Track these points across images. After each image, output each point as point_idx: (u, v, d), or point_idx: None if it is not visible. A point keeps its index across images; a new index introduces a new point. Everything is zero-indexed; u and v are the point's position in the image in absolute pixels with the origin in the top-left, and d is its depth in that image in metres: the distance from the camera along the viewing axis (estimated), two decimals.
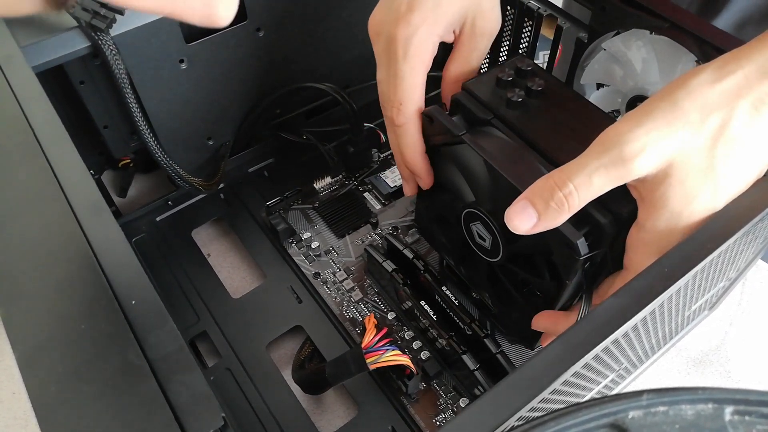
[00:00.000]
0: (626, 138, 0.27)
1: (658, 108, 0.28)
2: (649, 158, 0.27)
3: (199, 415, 0.23)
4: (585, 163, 0.28)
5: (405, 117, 0.37)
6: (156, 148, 0.47)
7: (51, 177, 0.31)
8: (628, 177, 0.28)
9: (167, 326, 0.26)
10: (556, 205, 0.29)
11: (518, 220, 0.30)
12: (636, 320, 0.25)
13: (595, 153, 0.28)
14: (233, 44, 0.50)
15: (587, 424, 0.16)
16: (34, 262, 0.28)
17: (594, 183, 0.28)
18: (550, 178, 0.29)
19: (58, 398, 0.24)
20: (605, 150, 0.28)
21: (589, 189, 0.28)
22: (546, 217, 0.29)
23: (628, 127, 0.28)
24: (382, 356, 0.40)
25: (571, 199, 0.28)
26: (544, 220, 0.29)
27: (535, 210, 0.29)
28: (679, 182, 0.28)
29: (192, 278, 0.51)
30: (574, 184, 0.28)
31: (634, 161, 0.27)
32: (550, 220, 0.29)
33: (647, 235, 0.30)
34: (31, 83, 0.36)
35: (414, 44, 0.35)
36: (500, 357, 0.40)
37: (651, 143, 0.27)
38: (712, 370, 0.48)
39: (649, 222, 0.30)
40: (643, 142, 0.27)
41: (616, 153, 0.27)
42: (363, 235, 0.53)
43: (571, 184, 0.28)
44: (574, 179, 0.28)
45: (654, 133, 0.27)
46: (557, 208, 0.29)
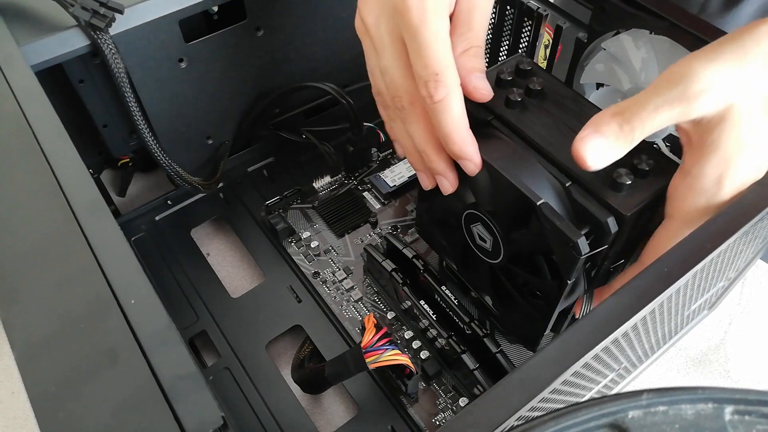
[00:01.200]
0: (693, 76, 0.27)
1: (727, 50, 0.28)
2: (713, 98, 0.27)
3: (199, 414, 0.23)
4: (650, 98, 0.28)
5: (447, 87, 0.31)
6: (155, 148, 0.47)
7: (50, 176, 0.31)
8: (690, 115, 0.28)
9: (166, 326, 0.26)
10: (622, 135, 0.28)
11: (585, 147, 0.29)
12: (636, 320, 0.25)
13: (660, 88, 0.28)
14: (233, 43, 0.50)
15: (587, 423, 0.16)
16: (33, 262, 0.28)
17: (656, 118, 0.28)
18: (616, 109, 0.29)
19: (58, 398, 0.24)
20: (671, 86, 0.28)
21: (651, 122, 0.28)
22: (612, 145, 0.29)
23: (698, 64, 0.28)
24: (382, 356, 0.40)
25: (634, 131, 0.28)
26: (610, 149, 0.29)
27: (603, 138, 0.29)
28: (735, 126, 0.28)
29: (191, 277, 0.51)
30: (639, 117, 0.28)
31: (698, 99, 0.27)
32: (614, 149, 0.29)
33: (694, 181, 0.30)
34: (30, 82, 0.36)
35: (430, 4, 0.31)
36: (500, 356, 0.40)
37: (716, 83, 0.27)
38: (712, 369, 0.48)
39: (696, 167, 0.29)
40: (709, 82, 0.27)
41: (681, 90, 0.27)
42: (362, 235, 0.53)
43: (635, 117, 0.28)
44: (639, 112, 0.28)
45: (720, 74, 0.27)
46: (623, 137, 0.28)
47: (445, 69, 0.31)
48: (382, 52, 0.34)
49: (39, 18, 0.42)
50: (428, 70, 0.31)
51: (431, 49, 0.31)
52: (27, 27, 0.41)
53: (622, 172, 0.31)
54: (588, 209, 0.31)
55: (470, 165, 0.34)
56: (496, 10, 0.55)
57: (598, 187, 0.32)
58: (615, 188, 0.31)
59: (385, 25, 0.33)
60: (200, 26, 0.48)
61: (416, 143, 0.35)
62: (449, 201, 0.38)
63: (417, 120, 0.34)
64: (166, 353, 0.25)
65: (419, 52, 0.31)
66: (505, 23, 0.55)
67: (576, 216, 0.32)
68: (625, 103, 0.29)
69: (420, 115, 0.34)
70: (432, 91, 0.31)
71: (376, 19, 0.34)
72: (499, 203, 0.35)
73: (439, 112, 0.32)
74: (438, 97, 0.31)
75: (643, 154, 0.32)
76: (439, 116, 0.32)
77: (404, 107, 0.34)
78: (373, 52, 0.35)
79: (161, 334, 0.26)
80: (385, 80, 0.34)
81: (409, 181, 0.56)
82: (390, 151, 0.59)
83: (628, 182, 0.31)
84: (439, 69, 0.31)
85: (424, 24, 0.31)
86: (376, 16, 0.34)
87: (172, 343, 0.25)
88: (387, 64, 0.34)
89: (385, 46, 0.34)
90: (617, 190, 0.31)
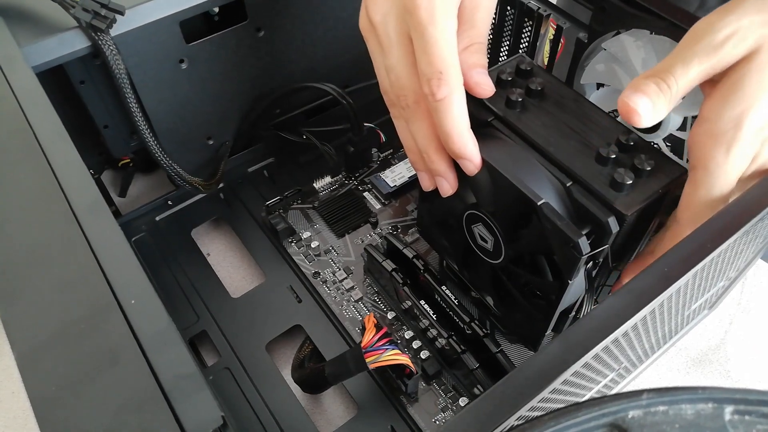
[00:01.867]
0: (715, 25, 0.28)
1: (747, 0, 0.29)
2: (739, 41, 0.28)
3: (199, 414, 0.23)
4: (681, 54, 0.29)
5: (450, 86, 0.32)
6: (156, 148, 0.47)
7: (51, 176, 0.31)
8: (720, 63, 0.29)
9: (167, 326, 0.26)
10: (662, 93, 0.29)
11: (635, 103, 0.29)
12: (636, 320, 0.25)
13: (686, 45, 0.29)
14: (233, 44, 0.50)
15: (587, 423, 0.16)
16: (34, 262, 0.28)
17: (689, 72, 0.29)
18: (649, 72, 0.30)
19: (58, 398, 0.24)
20: (696, 40, 0.29)
21: (685, 78, 0.29)
22: (654, 102, 0.29)
23: (718, 16, 0.29)
24: (382, 356, 0.40)
25: (671, 88, 0.29)
26: (654, 106, 0.29)
27: (646, 96, 0.29)
28: (759, 67, 0.28)
29: (191, 278, 0.51)
30: (673, 75, 0.29)
31: (724, 47, 0.28)
32: (657, 107, 0.30)
33: (712, 126, 0.30)
34: (32, 83, 0.36)
35: (439, 3, 0.31)
36: (500, 356, 0.40)
37: (740, 28, 0.28)
38: (712, 369, 0.48)
39: (713, 111, 0.30)
40: (733, 27, 0.28)
41: (707, 41, 0.28)
42: (363, 235, 0.53)
43: (669, 76, 0.29)
44: (671, 70, 0.29)
45: (742, 19, 0.28)
46: (662, 95, 0.29)
47: (449, 68, 0.32)
48: (388, 51, 0.34)
49: (40, 19, 0.42)
50: (432, 67, 0.32)
51: (437, 48, 0.31)
52: (28, 28, 0.41)
53: (623, 172, 0.31)
54: (589, 209, 0.31)
55: (470, 165, 0.34)
56: (496, 11, 0.55)
57: (599, 186, 0.32)
58: (616, 188, 0.31)
59: (393, 23, 0.33)
60: (201, 27, 0.48)
61: (418, 143, 0.35)
62: (450, 202, 0.38)
63: (420, 119, 0.34)
64: (166, 353, 0.25)
65: (425, 49, 0.32)
66: (505, 24, 0.55)
67: (577, 216, 0.33)
68: (656, 66, 0.30)
69: (423, 114, 0.34)
70: (435, 89, 0.32)
71: (383, 17, 0.34)
72: (499, 203, 0.35)
73: (441, 111, 0.32)
74: (440, 95, 0.32)
75: (643, 154, 0.33)
76: (440, 115, 0.32)
77: (408, 106, 0.34)
78: (379, 50, 0.35)
79: (161, 334, 0.26)
80: (391, 78, 0.35)
81: (409, 181, 0.56)
82: (390, 151, 0.59)
83: (629, 182, 0.31)
84: (443, 67, 0.31)
85: (432, 23, 0.31)
86: (383, 14, 0.34)
87: (173, 344, 0.25)
88: (393, 63, 0.34)
89: (392, 44, 0.34)
90: (618, 190, 0.31)
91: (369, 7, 0.35)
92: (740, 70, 0.29)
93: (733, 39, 0.28)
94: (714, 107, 0.30)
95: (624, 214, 0.31)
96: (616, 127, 0.35)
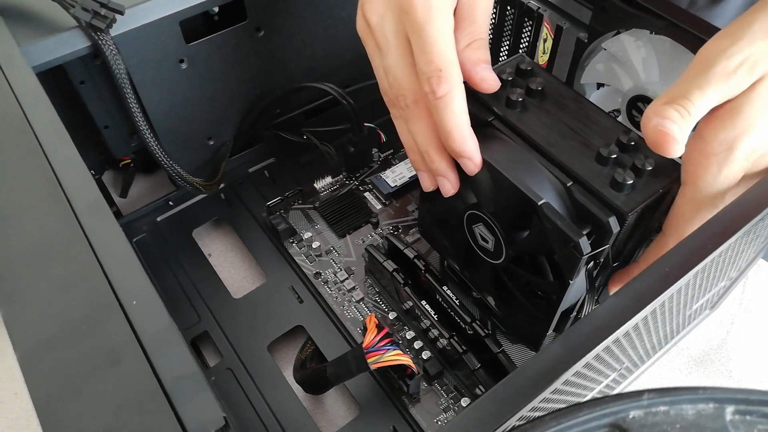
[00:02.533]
0: (730, 51, 0.28)
1: (757, 21, 0.29)
2: (752, 68, 0.28)
3: (200, 414, 0.23)
4: (696, 80, 0.29)
5: (450, 82, 0.32)
6: (156, 148, 0.47)
7: (51, 177, 0.31)
8: (736, 90, 0.29)
9: (168, 326, 0.26)
10: (683, 119, 0.29)
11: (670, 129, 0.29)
12: (637, 319, 0.25)
13: (702, 70, 0.29)
14: (233, 44, 0.50)
15: (588, 423, 0.16)
16: (35, 263, 0.28)
17: (707, 98, 0.29)
18: (666, 99, 0.29)
19: (60, 398, 0.24)
20: (710, 65, 0.29)
21: (704, 104, 0.29)
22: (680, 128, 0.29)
23: (731, 40, 0.29)
24: (384, 356, 0.40)
25: (691, 115, 0.29)
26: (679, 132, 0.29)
27: (674, 122, 0.29)
28: (761, 95, 0.29)
29: (193, 278, 0.51)
30: (692, 101, 0.29)
31: (738, 73, 0.28)
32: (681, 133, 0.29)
33: (706, 145, 0.30)
34: (32, 83, 0.36)
35: (435, 2, 0.32)
36: (501, 356, 0.40)
37: (753, 54, 0.28)
38: (714, 369, 0.48)
39: (709, 131, 0.30)
40: (746, 53, 0.28)
41: (722, 67, 0.28)
42: (364, 235, 0.53)
43: (689, 102, 0.29)
44: (690, 96, 0.29)
45: (755, 44, 0.28)
46: (684, 121, 0.29)
47: (448, 65, 0.32)
48: (386, 52, 0.34)
49: (40, 19, 0.42)
50: (431, 66, 0.32)
51: (435, 46, 0.31)
52: (28, 28, 0.41)
53: (623, 172, 0.31)
54: (589, 209, 0.31)
55: (470, 164, 0.34)
56: (496, 11, 0.55)
57: (600, 187, 0.32)
58: (616, 188, 0.31)
59: (390, 24, 0.33)
60: (201, 27, 0.48)
61: (418, 143, 0.35)
62: (451, 202, 0.38)
63: (420, 118, 0.34)
64: (167, 354, 0.25)
65: (423, 48, 0.32)
66: (505, 23, 0.55)
67: (577, 216, 0.32)
68: (669, 93, 0.30)
69: (423, 113, 0.34)
70: (435, 87, 0.32)
71: (380, 18, 0.34)
72: (500, 203, 0.35)
73: (441, 108, 0.32)
74: (441, 93, 0.32)
75: (643, 154, 0.33)
76: (440, 112, 0.32)
77: (408, 106, 0.34)
78: (377, 51, 0.35)
79: (163, 334, 0.26)
80: (389, 79, 0.35)
81: (410, 181, 0.56)
82: (391, 151, 0.59)
83: (630, 182, 0.31)
84: (442, 65, 0.31)
85: (428, 21, 0.31)
86: (380, 16, 0.34)
87: (174, 344, 0.25)
88: (391, 63, 0.34)
89: (389, 45, 0.34)
90: (618, 190, 0.31)
91: (365, 9, 0.35)
92: (742, 95, 0.29)
93: (745, 66, 0.28)
94: (710, 128, 0.30)
95: (624, 213, 0.31)
96: (617, 127, 0.35)
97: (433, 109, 0.33)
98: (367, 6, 0.34)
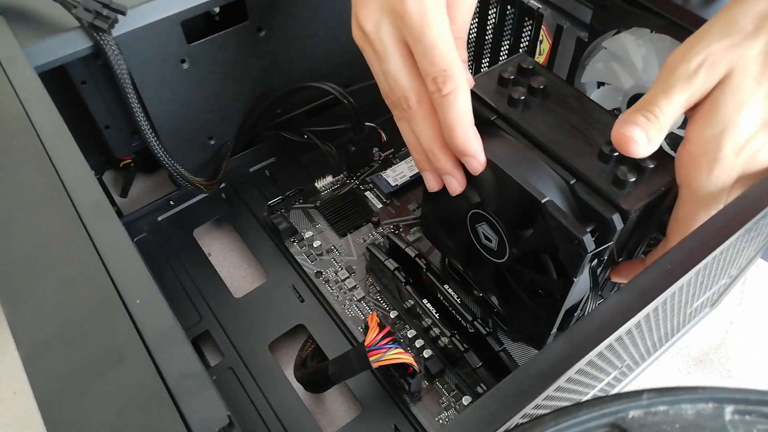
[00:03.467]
0: (688, 56, 0.30)
1: (714, 25, 0.30)
2: (711, 68, 0.29)
3: (205, 413, 0.23)
4: (661, 86, 0.30)
5: (455, 81, 0.32)
6: (158, 148, 0.47)
7: (54, 177, 0.31)
8: (700, 90, 0.30)
9: (172, 325, 0.26)
10: (651, 124, 0.30)
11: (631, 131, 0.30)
12: (640, 317, 0.25)
13: (665, 76, 0.30)
14: (234, 44, 0.50)
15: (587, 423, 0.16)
16: (38, 262, 0.28)
17: (673, 102, 0.30)
18: (635, 108, 0.31)
19: (64, 397, 0.24)
20: (672, 70, 0.30)
21: (671, 107, 0.30)
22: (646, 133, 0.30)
23: (689, 46, 0.30)
24: (385, 354, 0.40)
25: (659, 119, 0.30)
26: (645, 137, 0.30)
27: (638, 126, 0.30)
28: (733, 89, 0.29)
29: (194, 278, 0.51)
30: (659, 106, 0.30)
31: (699, 74, 0.29)
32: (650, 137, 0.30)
33: (692, 147, 0.31)
34: (34, 83, 0.36)
35: (429, 4, 0.32)
36: (503, 355, 0.40)
37: (710, 54, 0.29)
38: (713, 369, 0.48)
39: (693, 132, 0.31)
40: (704, 55, 0.29)
41: (683, 71, 0.30)
42: (364, 234, 0.53)
43: (656, 107, 0.30)
44: (656, 101, 0.30)
45: (713, 45, 0.29)
46: (651, 125, 0.30)
47: (452, 64, 0.32)
48: (384, 57, 0.34)
49: (42, 19, 0.42)
50: (436, 67, 0.32)
51: (437, 48, 0.32)
52: (30, 28, 0.41)
53: (626, 170, 0.31)
54: (593, 206, 0.32)
55: (474, 162, 0.34)
56: (496, 10, 0.55)
57: (602, 184, 0.32)
58: (619, 185, 0.31)
59: (386, 30, 0.33)
60: (202, 27, 0.48)
61: (422, 142, 0.35)
62: (454, 201, 0.38)
63: (423, 118, 0.34)
64: (171, 353, 0.25)
65: (425, 52, 0.32)
66: (505, 23, 0.55)
67: (581, 213, 0.33)
68: (638, 103, 0.31)
69: (426, 113, 0.34)
70: (440, 85, 0.32)
71: (375, 25, 0.34)
72: (503, 202, 0.35)
73: (446, 106, 0.32)
74: (446, 90, 0.32)
75: None
76: (445, 110, 0.32)
77: (410, 107, 0.34)
78: (375, 57, 0.35)
79: (167, 333, 0.26)
80: (390, 83, 0.35)
81: (410, 180, 0.56)
82: (391, 150, 0.59)
83: (632, 179, 0.31)
84: (446, 65, 0.32)
85: (426, 25, 0.31)
86: (375, 22, 0.34)
87: (178, 343, 0.25)
88: (391, 68, 0.34)
89: (387, 50, 0.34)
90: (621, 188, 0.31)
91: (359, 17, 0.35)
92: (715, 93, 0.30)
93: (704, 67, 0.29)
94: (694, 129, 0.31)
95: (627, 210, 0.31)
96: None
97: (438, 107, 0.33)
98: (361, 14, 0.34)
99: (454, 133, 0.33)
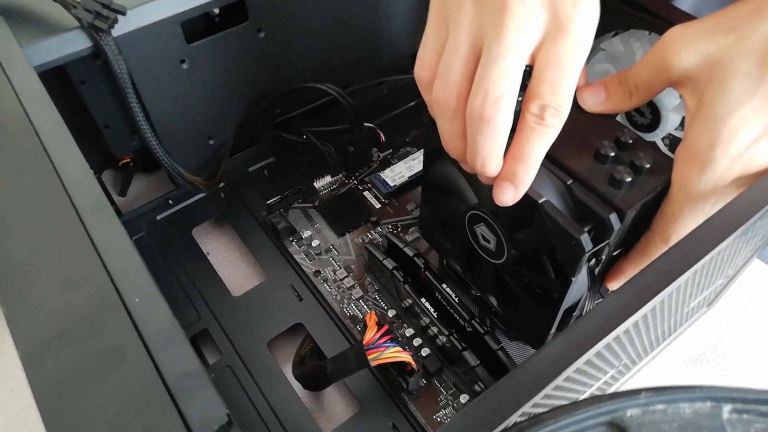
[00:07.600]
0: (670, 36, 0.31)
1: (708, 18, 0.30)
2: (690, 54, 0.30)
3: (204, 411, 0.23)
4: (641, 61, 0.32)
5: (563, 119, 0.29)
6: (157, 148, 0.48)
7: (54, 176, 0.31)
8: (671, 71, 0.30)
9: (171, 324, 0.26)
10: (620, 88, 0.32)
11: (588, 96, 0.33)
12: (638, 317, 0.26)
13: (648, 53, 0.31)
14: (234, 44, 0.50)
15: (585, 422, 0.16)
16: (38, 261, 0.28)
17: (642, 75, 0.31)
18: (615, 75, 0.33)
19: (63, 396, 0.24)
20: (655, 48, 0.31)
21: (639, 77, 0.32)
22: (611, 98, 0.33)
23: (676, 29, 0.31)
24: (383, 353, 0.40)
25: (628, 84, 0.32)
26: (610, 101, 0.33)
27: (605, 91, 0.33)
28: (722, 86, 0.29)
29: (192, 277, 0.51)
30: (631, 74, 0.32)
31: (676, 56, 0.30)
32: (614, 102, 0.33)
33: (688, 145, 0.30)
34: (33, 83, 0.36)
35: (590, 31, 0.30)
36: (500, 353, 0.40)
37: (693, 41, 0.30)
38: (710, 368, 0.48)
39: (689, 131, 0.30)
40: (687, 40, 0.30)
41: (662, 47, 0.31)
42: (363, 234, 0.53)
43: (627, 74, 0.32)
44: (629, 72, 0.32)
45: (698, 33, 0.30)
46: (620, 90, 0.32)
47: (569, 103, 0.29)
48: (453, 51, 0.30)
49: (42, 19, 0.42)
50: (557, 98, 0.29)
51: (568, 82, 0.29)
52: (30, 28, 0.41)
53: (622, 170, 0.31)
54: (590, 206, 0.32)
55: (511, 192, 0.31)
56: None
57: (599, 184, 0.32)
58: (615, 185, 0.32)
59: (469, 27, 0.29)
60: (202, 28, 0.49)
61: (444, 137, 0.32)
62: (452, 203, 0.38)
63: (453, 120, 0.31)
64: (170, 351, 0.25)
65: (555, 80, 0.29)
66: None
67: (578, 213, 0.33)
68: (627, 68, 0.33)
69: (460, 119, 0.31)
70: (547, 116, 0.29)
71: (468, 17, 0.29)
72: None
73: (538, 135, 0.29)
74: (549, 123, 0.29)
75: (641, 152, 0.33)
76: (534, 138, 0.29)
77: (449, 107, 0.31)
78: (438, 41, 0.31)
79: (166, 332, 0.26)
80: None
81: (409, 180, 0.56)
82: (390, 151, 0.59)
83: (628, 179, 0.31)
84: (564, 103, 0.29)
85: (575, 51, 0.29)
86: (470, 17, 0.29)
87: (177, 342, 0.25)
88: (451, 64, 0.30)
89: (459, 45, 0.30)
90: (617, 188, 0.32)
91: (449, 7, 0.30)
92: (706, 88, 0.29)
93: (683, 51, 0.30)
94: (690, 127, 0.30)
95: (624, 210, 0.31)
96: (615, 126, 0.35)
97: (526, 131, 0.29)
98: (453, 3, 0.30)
99: (526, 162, 0.30)
